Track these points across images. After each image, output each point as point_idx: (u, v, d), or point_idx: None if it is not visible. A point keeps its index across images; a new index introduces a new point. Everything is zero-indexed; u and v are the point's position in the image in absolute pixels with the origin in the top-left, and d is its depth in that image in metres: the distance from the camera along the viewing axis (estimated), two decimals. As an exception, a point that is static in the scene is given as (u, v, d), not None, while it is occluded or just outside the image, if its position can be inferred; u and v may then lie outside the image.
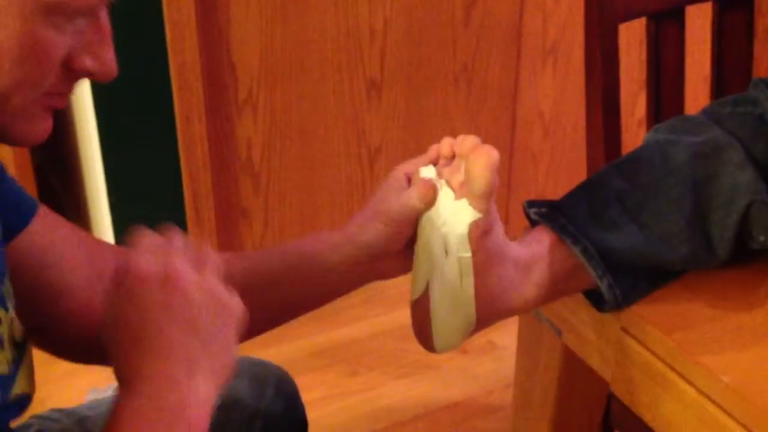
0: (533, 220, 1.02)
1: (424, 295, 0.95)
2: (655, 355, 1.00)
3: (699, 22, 1.54)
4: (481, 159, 0.88)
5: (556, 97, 2.24)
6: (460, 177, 0.91)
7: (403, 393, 1.95)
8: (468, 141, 0.90)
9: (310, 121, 2.01)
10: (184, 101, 1.82)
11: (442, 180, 0.93)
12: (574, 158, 2.28)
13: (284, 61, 1.93)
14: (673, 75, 1.42)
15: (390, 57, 2.02)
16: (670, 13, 1.39)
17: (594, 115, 1.40)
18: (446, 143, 0.93)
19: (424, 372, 2.01)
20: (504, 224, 0.97)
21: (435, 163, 0.95)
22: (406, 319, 0.98)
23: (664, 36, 1.40)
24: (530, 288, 0.97)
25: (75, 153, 2.13)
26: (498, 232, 0.93)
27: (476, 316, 0.94)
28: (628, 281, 1.00)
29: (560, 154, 2.31)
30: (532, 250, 0.98)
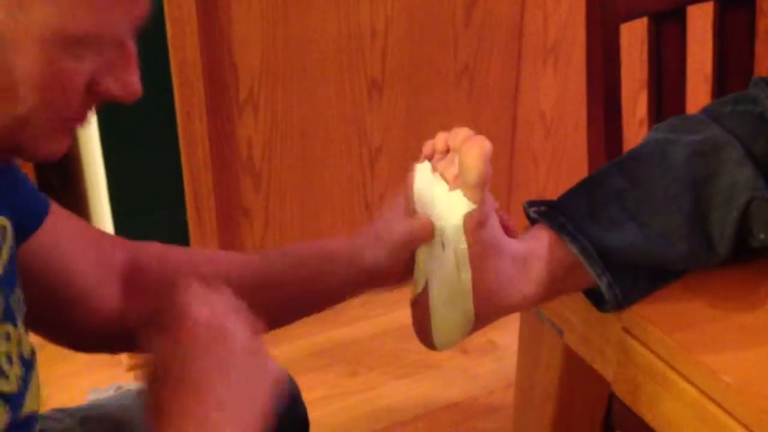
0: (532, 219, 1.02)
1: (424, 292, 0.95)
2: (656, 354, 1.00)
3: (700, 21, 1.55)
4: (474, 149, 0.89)
5: (557, 97, 2.23)
6: (455, 170, 0.91)
7: (404, 393, 1.95)
8: (461, 133, 0.91)
9: (311, 121, 2.01)
10: (185, 100, 1.82)
11: (436, 173, 0.93)
12: (575, 158, 2.28)
13: (285, 60, 1.93)
14: (675, 75, 1.42)
15: (391, 57, 2.02)
16: (672, 12, 1.39)
17: (595, 114, 1.40)
18: (440, 138, 0.94)
19: (425, 372, 2.01)
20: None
21: (431, 158, 0.95)
22: (407, 319, 0.99)
23: (666, 36, 1.40)
24: (528, 284, 0.97)
25: (75, 152, 2.13)
26: (494, 225, 0.93)
27: (475, 312, 0.94)
28: (628, 280, 1.00)
29: (561, 154, 2.31)
30: (531, 246, 0.98)
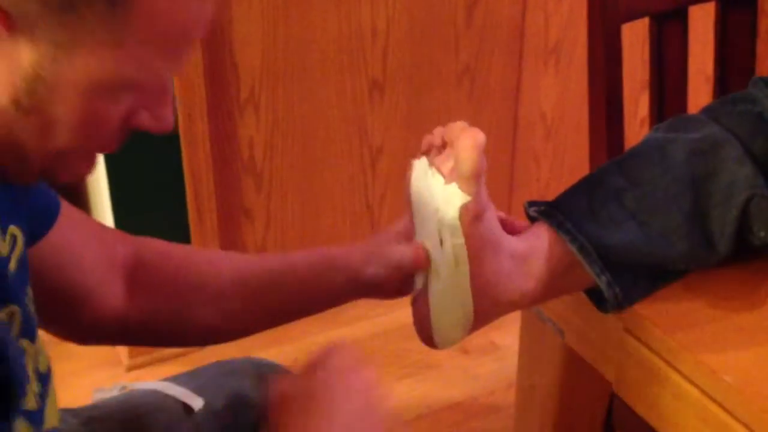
0: (532, 218, 1.02)
1: (424, 288, 0.95)
2: (657, 354, 1.00)
3: (702, 22, 1.54)
4: (467, 141, 0.90)
5: (559, 97, 2.23)
6: (451, 163, 0.92)
7: (405, 393, 1.95)
8: (455, 127, 0.92)
9: (312, 121, 2.01)
10: (186, 100, 1.82)
11: (433, 168, 0.93)
12: (576, 158, 2.27)
13: (286, 60, 1.93)
14: (676, 75, 1.42)
15: (392, 57, 2.02)
16: (673, 13, 1.39)
17: (596, 115, 1.40)
18: (436, 132, 0.94)
19: (426, 372, 2.01)
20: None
21: (428, 153, 0.95)
22: (408, 319, 0.99)
23: (667, 36, 1.40)
24: (528, 281, 0.97)
25: (77, 152, 2.13)
26: (492, 220, 0.93)
27: (474, 308, 0.94)
28: (628, 279, 1.00)
29: (562, 155, 2.30)
30: (531, 244, 0.98)
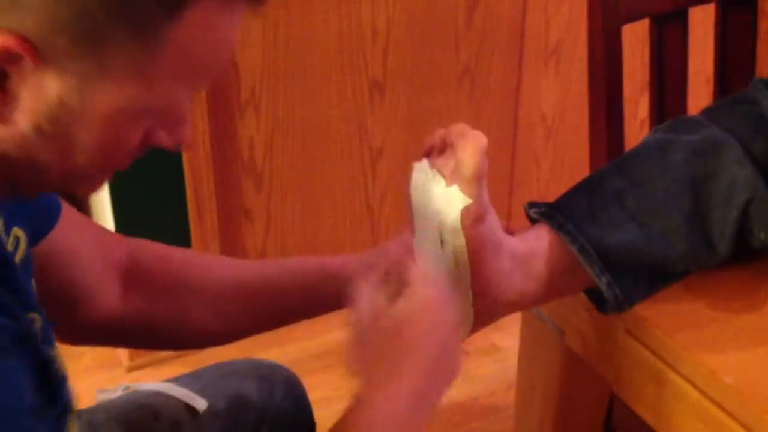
0: (533, 219, 1.02)
1: None
2: (657, 355, 1.00)
3: (702, 23, 1.55)
4: (468, 144, 0.89)
5: (559, 99, 2.23)
6: (452, 166, 0.91)
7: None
8: (457, 129, 0.92)
9: (313, 122, 2.01)
10: (186, 101, 1.82)
11: (434, 170, 0.93)
12: (576, 160, 2.28)
13: (286, 61, 1.93)
14: (676, 76, 1.42)
15: (392, 58, 2.02)
16: (673, 14, 1.39)
17: (596, 116, 1.40)
18: (437, 134, 0.94)
19: (426, 373, 2.00)
20: (505, 226, 0.97)
21: (429, 155, 0.95)
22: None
23: (667, 37, 1.40)
24: (528, 282, 0.97)
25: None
26: (493, 221, 0.93)
27: (475, 309, 0.94)
28: (628, 280, 1.00)
29: (562, 156, 2.31)
30: (531, 245, 0.98)
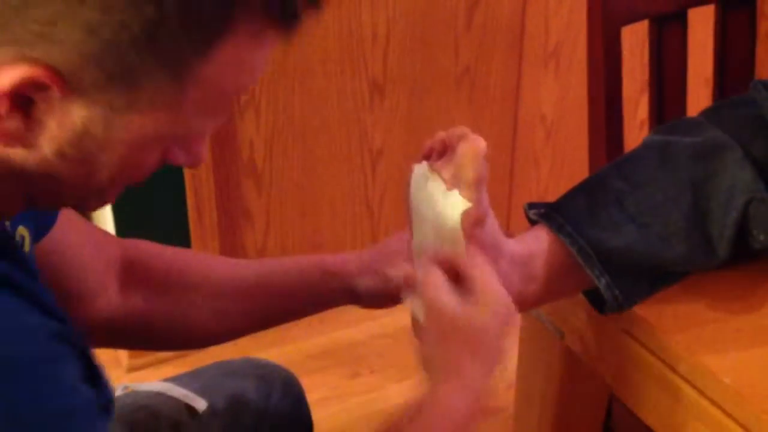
0: (532, 220, 1.02)
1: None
2: (656, 356, 1.00)
3: (701, 24, 1.54)
4: (469, 148, 0.89)
5: (558, 100, 2.24)
6: (452, 169, 0.91)
7: (406, 394, 1.95)
8: (456, 132, 0.91)
9: (313, 123, 2.01)
10: (186, 102, 1.82)
11: (434, 173, 0.93)
12: (576, 161, 2.27)
13: (286, 62, 1.93)
14: (676, 77, 1.42)
15: (392, 59, 2.02)
16: (673, 15, 1.39)
17: (596, 117, 1.40)
18: (437, 138, 0.94)
19: (426, 373, 2.00)
20: (505, 227, 0.97)
21: (429, 158, 0.95)
22: (408, 321, 0.99)
23: (667, 38, 1.40)
24: (527, 283, 0.97)
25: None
26: (492, 224, 0.93)
27: None
28: (628, 281, 1.00)
29: (562, 157, 2.31)
30: (530, 246, 0.98)
